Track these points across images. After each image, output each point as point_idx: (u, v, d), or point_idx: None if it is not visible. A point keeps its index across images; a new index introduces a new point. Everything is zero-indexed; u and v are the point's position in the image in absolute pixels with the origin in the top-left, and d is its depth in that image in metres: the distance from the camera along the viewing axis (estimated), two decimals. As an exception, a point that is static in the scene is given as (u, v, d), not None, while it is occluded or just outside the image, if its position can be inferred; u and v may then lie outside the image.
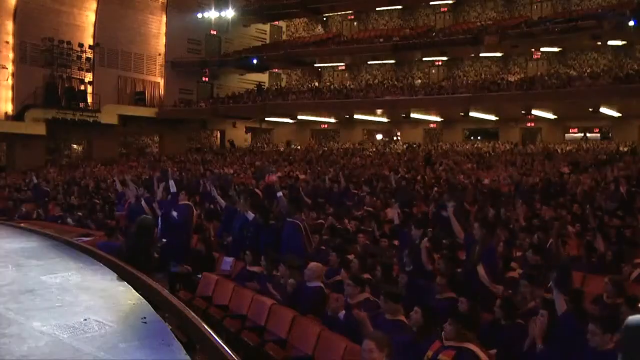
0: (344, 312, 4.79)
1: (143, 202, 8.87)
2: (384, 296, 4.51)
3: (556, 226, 7.17)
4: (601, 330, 3.48)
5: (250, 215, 7.67)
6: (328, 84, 31.56)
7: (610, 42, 23.87)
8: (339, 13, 32.38)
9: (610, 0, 24.17)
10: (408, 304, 4.49)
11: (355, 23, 32.33)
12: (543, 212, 9.10)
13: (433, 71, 29.56)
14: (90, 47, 26.88)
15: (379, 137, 30.52)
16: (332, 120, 30.48)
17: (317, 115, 29.84)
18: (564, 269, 4.42)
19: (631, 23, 20.10)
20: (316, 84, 32.30)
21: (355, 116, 28.41)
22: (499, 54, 27.29)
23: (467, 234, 6.33)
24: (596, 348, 3.50)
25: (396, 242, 7.64)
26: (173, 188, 8.70)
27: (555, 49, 25.54)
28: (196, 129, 31.89)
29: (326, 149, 27.59)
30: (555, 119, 25.01)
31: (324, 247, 7.48)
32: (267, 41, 34.17)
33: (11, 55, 25.04)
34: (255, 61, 29.80)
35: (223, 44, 32.51)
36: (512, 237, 7.33)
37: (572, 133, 25.98)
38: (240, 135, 32.52)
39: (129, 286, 3.58)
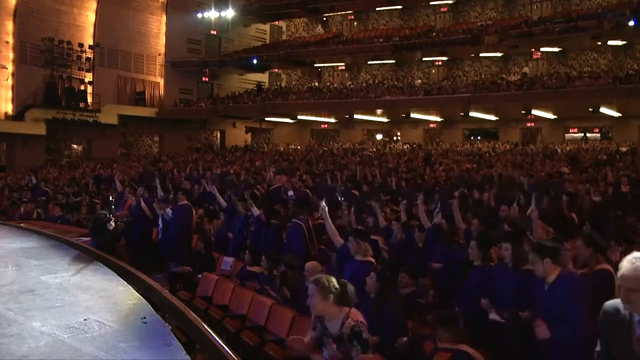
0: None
1: (142, 203, 8.84)
2: (354, 236, 5.00)
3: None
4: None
5: (256, 211, 7.70)
6: (328, 84, 31.54)
7: (610, 42, 23.87)
8: (339, 13, 32.39)
9: (610, 0, 24.18)
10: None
11: (355, 23, 32.35)
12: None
13: (433, 71, 29.57)
14: (90, 47, 26.87)
15: (379, 137, 30.52)
16: (332, 120, 30.47)
17: (317, 115, 29.83)
18: None
19: (631, 23, 20.09)
20: (316, 84, 32.27)
21: (355, 116, 28.40)
22: (499, 54, 27.29)
23: (466, 231, 6.34)
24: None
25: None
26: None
27: (555, 49, 25.55)
28: (196, 129, 31.89)
29: (326, 149, 27.56)
30: (555, 119, 25.01)
31: (324, 247, 7.47)
32: (267, 41, 34.19)
33: (11, 55, 25.03)
34: (255, 61, 29.80)
35: (223, 44, 32.52)
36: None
37: (572, 133, 25.98)
38: (240, 135, 32.51)
39: (129, 286, 3.58)
